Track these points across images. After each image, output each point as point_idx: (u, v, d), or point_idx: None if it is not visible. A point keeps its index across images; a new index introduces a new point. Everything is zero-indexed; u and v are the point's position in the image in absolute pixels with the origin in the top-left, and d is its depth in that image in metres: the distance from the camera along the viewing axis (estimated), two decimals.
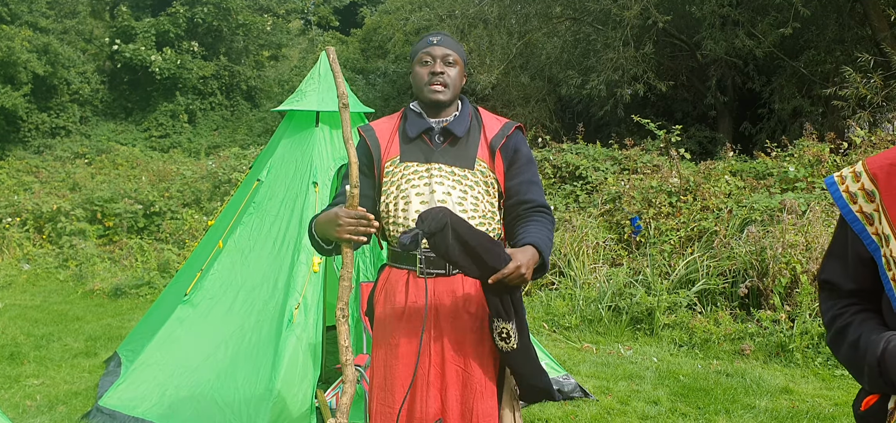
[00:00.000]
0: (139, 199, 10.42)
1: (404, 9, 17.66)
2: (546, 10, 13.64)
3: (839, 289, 1.69)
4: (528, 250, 2.23)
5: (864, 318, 1.63)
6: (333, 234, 2.27)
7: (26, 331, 6.49)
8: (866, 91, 9.41)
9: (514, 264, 2.14)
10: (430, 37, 2.47)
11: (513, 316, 2.28)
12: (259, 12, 19.17)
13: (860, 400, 1.65)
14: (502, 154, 2.45)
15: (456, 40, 2.53)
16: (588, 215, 7.99)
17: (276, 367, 3.88)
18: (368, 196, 2.46)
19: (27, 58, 14.91)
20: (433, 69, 2.41)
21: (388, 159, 2.45)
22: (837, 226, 1.71)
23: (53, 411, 4.57)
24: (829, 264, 1.73)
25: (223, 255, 4.54)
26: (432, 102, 2.42)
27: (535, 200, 2.44)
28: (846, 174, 1.66)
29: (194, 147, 16.28)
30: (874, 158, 1.63)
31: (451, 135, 2.43)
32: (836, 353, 1.71)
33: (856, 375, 1.64)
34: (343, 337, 2.28)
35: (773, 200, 6.93)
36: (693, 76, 13.64)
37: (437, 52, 2.43)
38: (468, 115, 2.49)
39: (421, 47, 2.47)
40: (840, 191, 1.65)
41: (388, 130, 2.51)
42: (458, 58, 2.45)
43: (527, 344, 2.35)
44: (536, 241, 2.27)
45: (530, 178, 2.47)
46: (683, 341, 5.82)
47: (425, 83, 2.42)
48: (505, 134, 2.46)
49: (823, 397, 4.67)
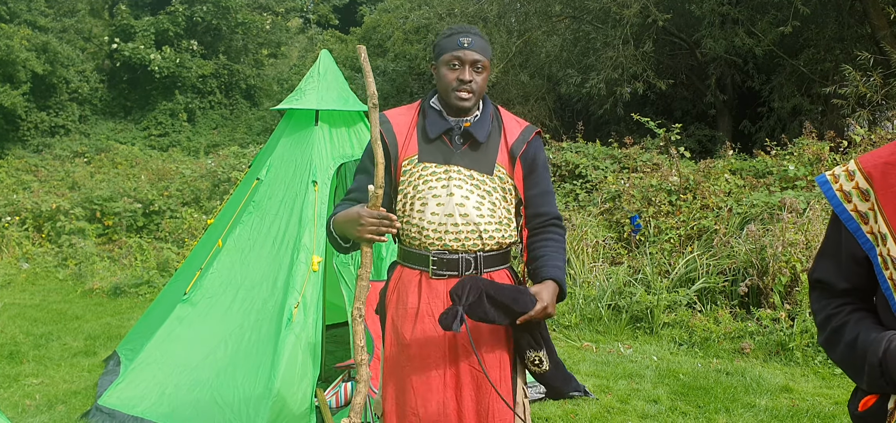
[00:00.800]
0: (138, 198, 10.41)
1: (403, 7, 17.64)
2: (545, 8, 13.63)
3: (832, 288, 1.68)
4: (550, 286, 2.33)
5: (860, 317, 1.62)
6: (354, 233, 2.25)
7: (26, 330, 6.48)
8: (866, 89, 9.41)
9: (541, 306, 2.25)
10: (461, 37, 2.36)
11: (542, 345, 2.37)
12: (258, 11, 19.15)
13: (857, 401, 1.64)
14: (522, 162, 2.43)
15: (486, 38, 2.45)
16: (588, 214, 7.99)
17: (276, 366, 3.87)
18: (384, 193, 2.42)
19: (26, 57, 14.89)
20: (462, 76, 2.34)
21: (406, 158, 2.40)
22: (830, 225, 1.70)
23: (53, 410, 4.57)
24: (822, 263, 1.71)
25: (222, 254, 4.54)
26: (458, 108, 2.38)
27: (549, 212, 2.50)
28: (839, 173, 1.65)
29: (193, 146, 16.26)
30: (867, 155, 1.62)
31: (472, 138, 2.39)
32: (831, 353, 1.69)
33: (853, 375, 1.63)
34: (359, 336, 2.28)
35: (773, 198, 6.93)
36: (693, 74, 13.63)
37: (467, 56, 2.34)
38: (490, 116, 2.45)
39: (450, 48, 2.36)
40: (833, 190, 1.64)
41: (405, 125, 2.44)
42: (486, 62, 2.39)
43: (556, 361, 2.43)
44: (556, 275, 2.36)
45: (546, 187, 2.50)
46: (683, 340, 5.82)
47: (452, 89, 2.35)
48: (525, 140, 2.44)
49: (823, 395, 4.67)
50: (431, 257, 2.37)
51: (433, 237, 2.36)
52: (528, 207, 2.48)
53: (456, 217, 2.34)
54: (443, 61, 2.37)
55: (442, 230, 2.35)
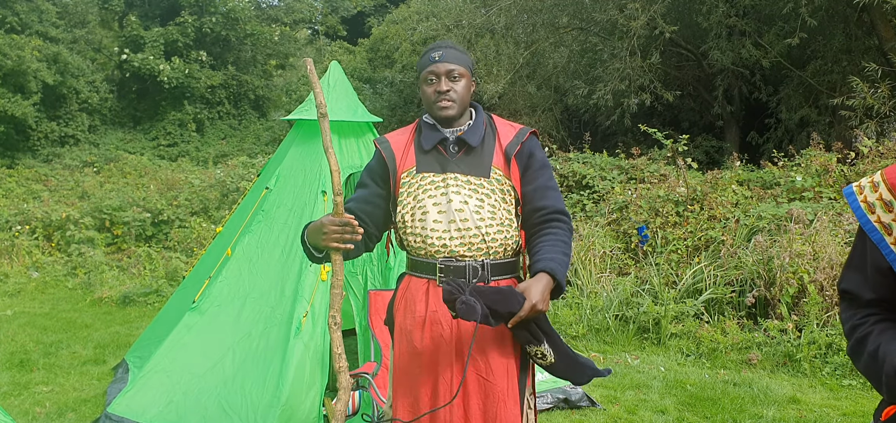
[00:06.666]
0: (147, 207, 10.46)
1: (411, 19, 17.73)
2: (553, 20, 13.67)
3: (859, 299, 1.68)
4: (542, 279, 2.25)
5: (884, 328, 1.62)
6: (321, 242, 2.30)
7: (35, 338, 6.53)
8: (873, 101, 9.39)
9: (528, 304, 2.20)
10: (432, 52, 2.44)
11: (543, 338, 2.34)
12: (267, 22, 19.27)
13: (881, 411, 1.65)
14: (518, 160, 2.45)
15: (460, 48, 2.51)
16: (595, 225, 7.99)
17: (284, 374, 3.89)
18: (379, 206, 2.48)
19: (37, 67, 15.01)
20: (438, 88, 2.40)
21: (405, 171, 2.46)
22: (857, 236, 1.70)
23: (63, 417, 4.60)
24: (849, 273, 1.72)
25: (231, 262, 4.57)
26: (442, 119, 2.43)
27: (551, 206, 2.43)
28: (864, 184, 1.65)
29: (202, 156, 16.34)
30: (893, 167, 1.63)
31: (466, 145, 2.44)
32: (857, 363, 1.70)
33: (875, 385, 1.63)
34: (335, 345, 2.31)
35: (781, 209, 6.92)
36: (700, 86, 13.64)
37: (440, 69, 2.41)
38: (482, 123, 2.49)
39: (424, 65, 2.45)
40: (858, 201, 1.65)
41: (403, 142, 2.51)
42: (463, 70, 2.43)
43: (564, 351, 2.38)
44: (549, 266, 2.28)
45: (545, 182, 2.46)
46: (690, 351, 5.82)
47: (433, 102, 2.42)
48: (519, 140, 2.46)
49: (831, 406, 4.65)
50: (438, 264, 2.39)
51: (438, 245, 2.38)
52: (526, 203, 2.44)
53: (458, 223, 2.37)
54: (422, 80, 2.47)
55: (446, 237, 2.38)
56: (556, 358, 2.35)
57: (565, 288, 2.37)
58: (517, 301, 2.21)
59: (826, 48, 11.74)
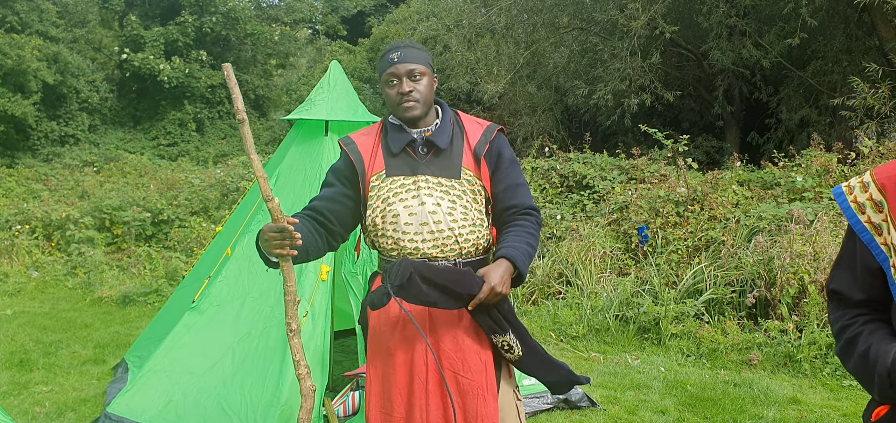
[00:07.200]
0: (147, 207, 10.46)
1: (411, 19, 17.73)
2: (553, 20, 13.68)
3: (848, 299, 1.68)
4: (502, 264, 2.30)
5: (874, 328, 1.63)
6: (265, 249, 2.30)
7: (35, 338, 6.52)
8: (874, 101, 9.39)
9: (488, 287, 2.24)
10: (391, 53, 2.43)
11: (507, 328, 2.35)
12: (267, 22, 19.28)
13: (871, 411, 1.65)
14: (487, 160, 2.46)
15: (419, 46, 2.50)
16: (595, 225, 7.99)
17: (284, 374, 3.88)
18: (346, 206, 2.47)
19: (37, 67, 15.02)
20: (401, 89, 2.39)
21: (374, 174, 2.44)
22: (846, 236, 1.70)
23: (62, 417, 4.60)
24: (838, 274, 1.72)
25: (231, 262, 4.56)
26: (407, 119, 2.42)
27: (520, 203, 2.46)
28: (854, 184, 1.65)
29: (202, 155, 16.35)
30: (882, 167, 1.63)
31: (435, 146, 2.43)
32: (846, 363, 1.70)
33: (866, 385, 1.63)
34: (295, 352, 2.29)
35: (781, 209, 6.91)
36: (700, 86, 13.64)
37: (401, 69, 2.40)
38: (449, 122, 2.48)
39: (384, 67, 2.44)
40: (848, 201, 1.65)
41: (369, 144, 2.50)
42: (423, 68, 2.42)
43: (533, 347, 2.39)
44: (509, 253, 2.33)
45: (514, 180, 2.48)
46: (691, 351, 5.81)
47: (396, 103, 2.41)
48: (488, 139, 2.47)
49: (832, 407, 4.65)
50: None
51: (411, 247, 2.39)
52: (496, 203, 2.47)
53: (430, 225, 2.37)
54: (383, 83, 2.46)
55: (419, 239, 2.38)
56: (523, 351, 2.36)
57: (526, 276, 2.37)
58: (476, 283, 2.24)
59: (826, 48, 11.74)
